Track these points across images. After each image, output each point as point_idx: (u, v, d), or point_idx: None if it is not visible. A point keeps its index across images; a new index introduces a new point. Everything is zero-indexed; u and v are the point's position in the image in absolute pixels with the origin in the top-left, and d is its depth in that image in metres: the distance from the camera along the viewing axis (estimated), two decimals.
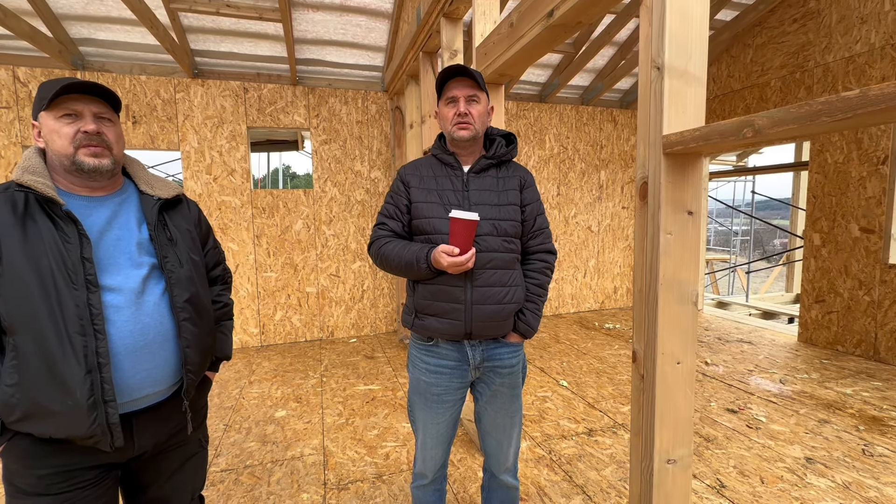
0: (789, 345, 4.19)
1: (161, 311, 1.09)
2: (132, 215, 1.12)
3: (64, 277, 0.96)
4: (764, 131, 0.82)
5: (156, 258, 1.11)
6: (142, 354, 1.05)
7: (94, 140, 1.03)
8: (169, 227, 1.16)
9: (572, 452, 2.39)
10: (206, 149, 4.16)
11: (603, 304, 5.82)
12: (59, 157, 1.02)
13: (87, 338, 0.96)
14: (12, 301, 0.94)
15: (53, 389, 0.95)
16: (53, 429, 0.96)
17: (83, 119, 1.03)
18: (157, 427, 1.12)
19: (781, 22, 4.37)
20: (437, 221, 1.34)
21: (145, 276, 1.08)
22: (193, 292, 1.16)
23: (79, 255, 0.98)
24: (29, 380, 0.94)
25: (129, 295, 1.05)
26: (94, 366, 0.97)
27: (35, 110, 1.04)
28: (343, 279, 4.71)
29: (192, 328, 1.14)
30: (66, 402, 0.95)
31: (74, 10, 3.39)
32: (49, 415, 0.95)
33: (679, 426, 1.16)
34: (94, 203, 1.07)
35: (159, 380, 1.09)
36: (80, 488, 1.02)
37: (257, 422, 2.82)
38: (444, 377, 1.39)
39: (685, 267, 1.13)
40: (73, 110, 1.02)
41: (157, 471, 1.18)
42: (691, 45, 1.06)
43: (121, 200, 1.12)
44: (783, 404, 2.91)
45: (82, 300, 0.97)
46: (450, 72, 1.34)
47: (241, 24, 3.73)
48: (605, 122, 5.60)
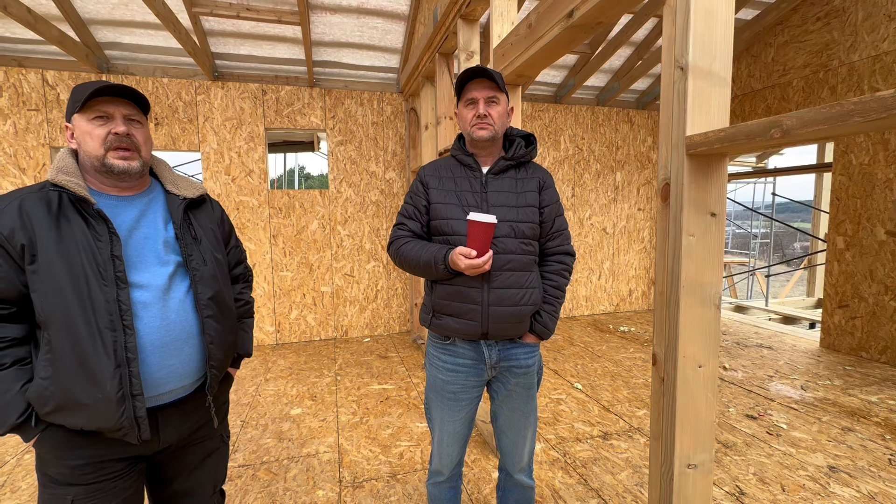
0: (811, 350, 4.09)
1: (186, 309, 1.12)
2: (159, 214, 1.15)
3: (95, 274, 0.99)
4: (793, 132, 0.81)
5: (181, 256, 1.14)
6: (167, 350, 1.07)
7: (123, 142, 1.06)
8: (194, 225, 1.19)
9: (587, 456, 2.37)
10: (225, 150, 4.24)
11: (618, 307, 5.76)
12: (90, 157, 1.05)
13: (117, 333, 0.99)
14: (47, 296, 0.97)
15: (85, 382, 0.97)
16: (84, 420, 0.99)
17: (114, 121, 1.05)
18: (181, 421, 1.15)
19: (804, 20, 4.28)
20: (455, 223, 1.34)
21: (171, 274, 1.11)
22: (217, 290, 1.18)
23: (109, 252, 1.01)
24: (62, 373, 0.97)
25: (156, 292, 1.07)
26: (123, 360, 0.99)
27: (69, 112, 1.07)
28: (357, 279, 4.75)
29: (216, 325, 1.16)
30: (96, 395, 0.98)
31: (101, 15, 3.48)
32: (80, 407, 0.98)
33: (700, 431, 1.14)
34: (123, 202, 1.10)
35: (184, 375, 1.12)
36: (108, 479, 1.05)
37: (273, 419, 2.86)
38: (461, 375, 1.40)
39: (708, 269, 1.11)
40: (104, 112, 1.04)
41: (181, 464, 1.21)
42: (716, 45, 1.04)
43: (148, 200, 1.15)
44: (805, 411, 2.84)
45: (112, 296, 0.99)
46: (470, 73, 1.35)
47: (260, 28, 3.79)
48: (621, 122, 5.54)
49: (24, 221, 0.97)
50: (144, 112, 1.13)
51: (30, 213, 0.98)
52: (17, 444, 2.54)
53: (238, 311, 1.35)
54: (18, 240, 0.96)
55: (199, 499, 1.26)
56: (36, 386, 0.98)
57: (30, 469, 2.28)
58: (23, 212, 0.98)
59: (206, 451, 1.25)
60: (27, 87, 3.73)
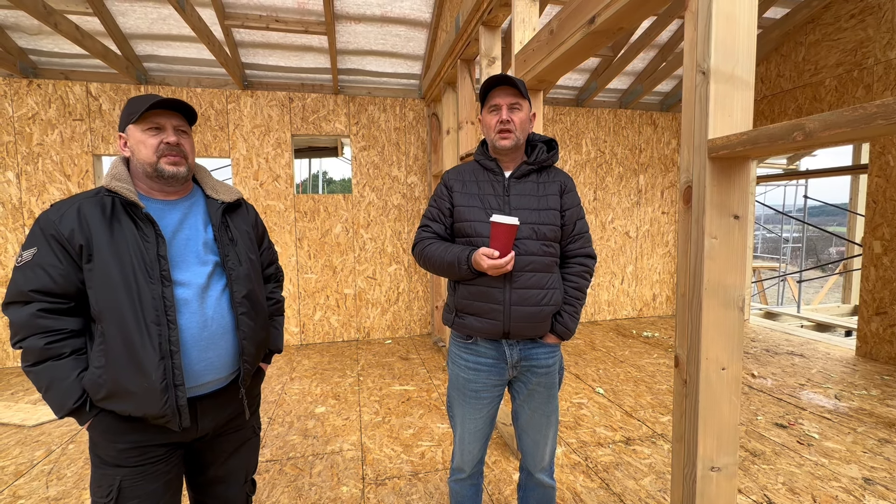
0: (846, 359, 3.94)
1: (222, 306, 1.19)
2: (200, 217, 1.23)
3: (143, 272, 1.07)
4: (815, 135, 0.82)
5: (218, 257, 1.22)
6: (206, 344, 1.15)
7: (173, 150, 1.15)
8: (230, 228, 1.27)
9: (609, 460, 2.36)
10: (253, 156, 4.40)
11: (641, 312, 5.66)
12: (143, 164, 1.14)
13: (161, 327, 1.07)
14: (101, 292, 1.06)
15: (133, 372, 1.05)
16: (132, 407, 1.07)
17: (165, 131, 1.15)
18: (216, 411, 1.22)
19: (837, 18, 4.15)
20: (478, 225, 1.38)
21: (210, 273, 1.19)
22: (251, 289, 1.25)
23: (155, 252, 1.09)
24: (113, 363, 1.05)
25: (196, 290, 1.15)
26: (167, 353, 1.08)
27: (123, 123, 1.16)
28: (379, 281, 4.83)
29: (249, 322, 1.23)
30: (142, 384, 1.06)
31: (140, 30, 3.68)
32: (128, 395, 1.06)
33: (724, 433, 1.14)
34: (168, 206, 1.19)
35: (220, 368, 1.19)
36: (151, 462, 1.14)
37: (299, 416, 2.94)
38: (483, 374, 1.43)
39: (731, 272, 1.11)
40: (157, 124, 1.14)
41: (216, 453, 1.29)
42: (738, 49, 1.05)
43: (190, 204, 1.24)
44: (838, 421, 2.75)
45: (158, 293, 1.08)
46: (493, 81, 1.39)
47: (288, 38, 3.93)
48: (644, 125, 5.48)
49: (82, 224, 1.06)
50: (190, 123, 1.22)
51: (87, 216, 1.08)
52: (62, 434, 2.70)
53: (269, 309, 1.43)
54: (77, 240, 1.05)
55: (232, 486, 1.33)
56: (90, 374, 1.06)
57: (74, 458, 2.42)
58: (81, 215, 1.07)
59: (240, 441, 1.32)
60: (73, 98, 3.97)
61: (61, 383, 1.05)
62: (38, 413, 2.97)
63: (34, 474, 2.27)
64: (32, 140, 3.91)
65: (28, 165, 3.92)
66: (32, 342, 1.04)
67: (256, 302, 1.27)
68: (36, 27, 3.51)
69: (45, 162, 3.95)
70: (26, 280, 1.05)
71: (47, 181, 3.96)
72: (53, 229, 1.06)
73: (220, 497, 1.32)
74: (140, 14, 3.52)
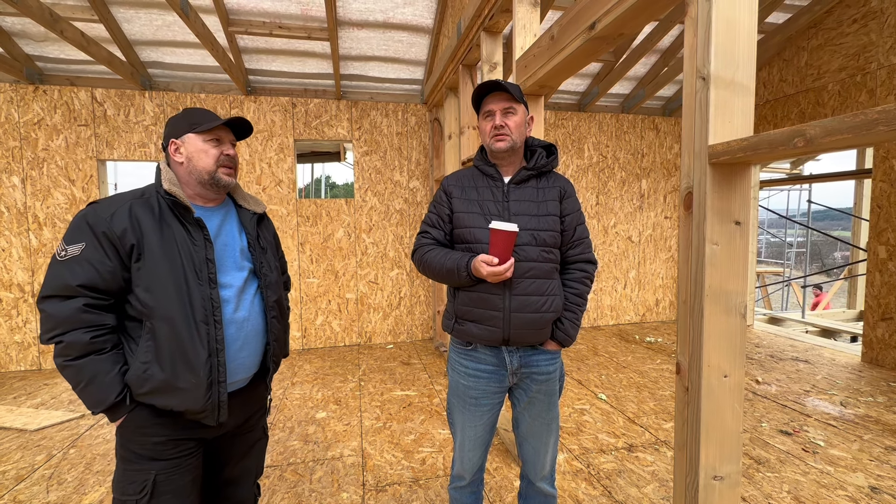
0: (852, 365, 3.90)
1: (255, 309, 1.27)
2: (234, 225, 1.31)
3: (192, 274, 1.13)
4: (816, 141, 0.81)
5: (252, 263, 1.29)
6: (241, 344, 1.22)
7: (231, 161, 1.25)
8: (261, 237, 1.35)
9: (612, 467, 2.33)
10: (256, 160, 4.42)
11: (644, 317, 5.64)
12: (200, 171, 1.21)
13: (209, 326, 1.13)
14: (151, 290, 1.10)
15: (182, 368, 1.10)
16: (176, 402, 1.11)
17: (224, 144, 1.24)
18: (241, 408, 1.28)
19: (839, 23, 4.15)
20: (477, 231, 1.38)
21: (246, 278, 1.26)
22: (279, 295, 1.34)
23: (204, 256, 1.16)
24: (162, 358, 1.09)
25: (235, 292, 1.22)
26: (214, 350, 1.13)
27: (180, 130, 1.22)
28: (381, 286, 4.82)
29: (278, 325, 1.32)
30: (190, 380, 1.10)
31: (145, 36, 3.72)
32: (175, 390, 1.10)
33: (726, 441, 1.13)
34: (208, 212, 1.26)
35: (249, 367, 1.26)
36: (184, 456, 1.18)
37: (299, 421, 2.93)
38: (482, 381, 1.42)
39: (733, 278, 1.10)
40: (218, 136, 1.23)
41: (232, 452, 1.34)
42: (739, 55, 1.05)
43: (225, 212, 1.31)
44: (844, 428, 2.71)
45: (206, 294, 1.14)
46: (485, 88, 1.39)
47: (291, 44, 3.96)
48: (646, 130, 5.48)
49: (133, 224, 1.10)
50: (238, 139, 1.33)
51: (139, 216, 1.12)
52: (63, 439, 2.70)
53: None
54: (129, 240, 1.09)
55: (242, 488, 1.38)
56: (136, 369, 1.09)
57: (74, 463, 2.42)
58: (133, 215, 1.11)
59: (252, 441, 1.37)
60: (78, 104, 4.00)
61: (104, 377, 1.08)
62: (40, 417, 2.97)
63: (35, 479, 2.26)
64: (38, 145, 3.94)
65: (33, 170, 3.95)
66: (77, 336, 1.06)
67: (282, 307, 1.36)
68: (42, 34, 3.55)
69: (50, 167, 3.98)
70: (73, 274, 1.07)
71: (52, 186, 3.99)
72: (105, 226, 1.08)
73: (231, 498, 1.36)
74: (145, 21, 3.55)
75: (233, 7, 3.53)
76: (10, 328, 3.99)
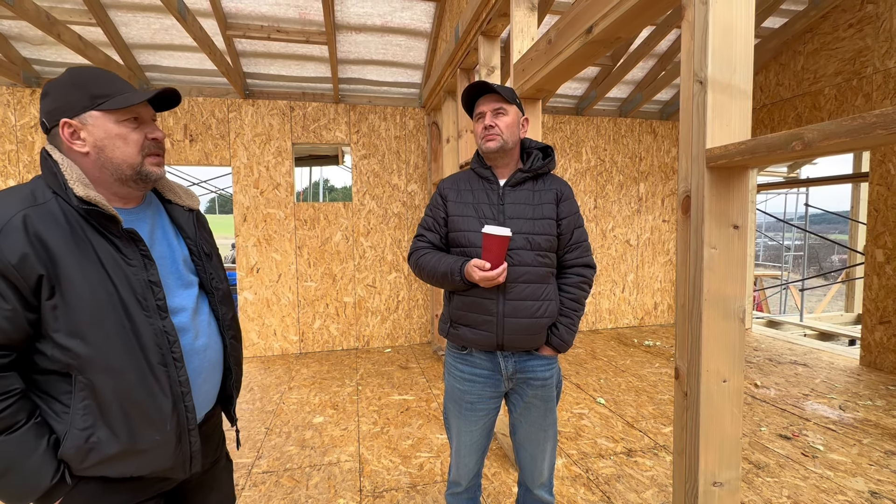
0: (850, 368, 3.89)
1: (212, 331, 1.04)
2: (168, 229, 1.02)
3: (135, 304, 0.86)
4: (814, 144, 0.81)
5: (197, 275, 1.04)
6: (204, 376, 1.00)
7: (160, 148, 0.94)
8: (202, 240, 1.07)
9: (610, 472, 2.32)
10: (254, 164, 4.41)
11: (642, 321, 5.63)
12: (117, 165, 0.89)
13: (169, 368, 0.89)
14: (82, 334, 0.81)
15: (142, 427, 0.86)
16: (136, 467, 0.88)
17: (147, 124, 0.92)
18: (208, 446, 1.07)
19: (835, 28, 4.17)
20: (472, 235, 1.37)
21: (197, 296, 1.01)
22: (234, 309, 1.12)
23: (145, 278, 0.88)
24: (109, 420, 0.84)
25: (189, 315, 0.98)
26: (179, 396, 0.91)
27: (76, 106, 0.86)
28: (379, 290, 4.81)
29: (237, 345, 1.11)
30: (153, 438, 0.88)
31: (143, 40, 3.71)
32: (135, 454, 0.87)
33: (726, 447, 1.12)
34: (132, 217, 0.94)
35: (211, 399, 1.05)
36: None
37: (296, 426, 2.91)
38: (478, 385, 1.41)
39: (731, 282, 1.10)
40: (137, 114, 0.90)
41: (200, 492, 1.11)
42: (736, 59, 1.05)
43: (153, 212, 1.00)
44: (843, 432, 2.70)
45: (158, 328, 0.88)
46: (473, 90, 1.39)
47: (289, 48, 3.96)
48: (644, 133, 5.49)
49: (35, 245, 0.78)
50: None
51: (42, 234, 0.79)
52: None
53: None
54: (33, 270, 0.77)
55: None
56: (74, 439, 0.82)
57: None
58: (31, 233, 0.78)
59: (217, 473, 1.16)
60: None
61: (27, 459, 0.79)
62: None
63: None
64: (35, 149, 3.93)
65: (29, 174, 3.93)
66: None
67: (237, 322, 1.14)
68: (39, 37, 3.54)
69: None
70: None
71: None
72: None
73: None
74: (143, 24, 3.55)
75: (231, 11, 3.53)
76: None
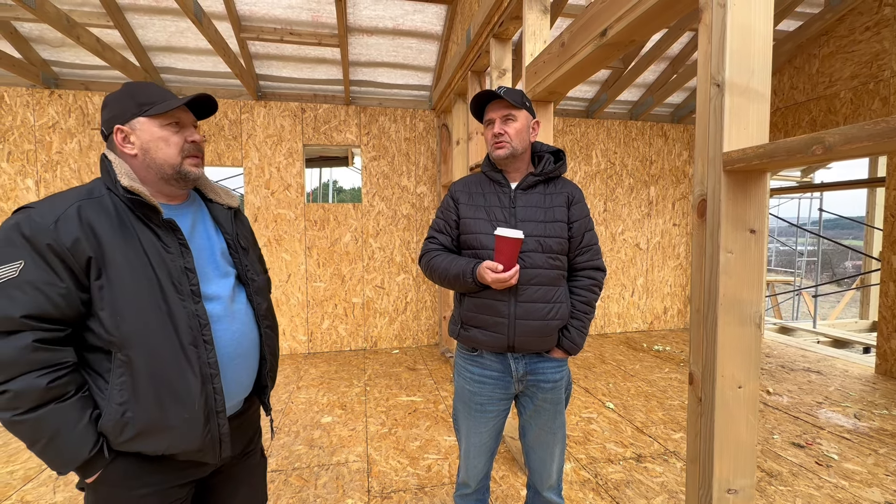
0: (865, 377, 3.82)
1: (248, 320, 1.09)
2: (209, 224, 1.11)
3: (171, 289, 0.93)
4: (835, 148, 0.80)
5: (235, 267, 1.11)
6: (238, 362, 1.05)
7: (198, 150, 1.03)
8: (241, 236, 1.16)
9: (620, 478, 2.30)
10: (265, 165, 4.45)
11: (652, 325, 5.58)
12: (160, 165, 0.99)
13: (199, 349, 0.95)
14: (122, 314, 0.89)
15: (171, 404, 0.92)
16: (167, 444, 0.93)
17: (187, 129, 1.02)
18: (240, 435, 1.11)
19: (852, 30, 4.12)
20: (483, 237, 1.37)
21: (233, 286, 1.08)
22: (269, 300, 1.18)
23: (182, 265, 0.96)
24: (144, 396, 0.90)
25: (225, 303, 1.04)
26: (208, 377, 0.96)
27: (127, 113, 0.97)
28: (388, 291, 4.82)
29: (272, 335, 1.16)
30: (182, 416, 0.92)
31: (159, 43, 3.77)
32: (165, 430, 0.92)
33: (741, 454, 1.10)
34: (176, 212, 1.04)
35: (246, 387, 1.09)
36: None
37: (305, 426, 2.93)
38: (488, 387, 1.41)
39: (747, 287, 1.09)
40: (178, 118, 1.00)
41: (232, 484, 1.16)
42: (754, 61, 1.04)
43: (195, 209, 1.10)
44: (858, 441, 2.65)
45: (191, 311, 0.95)
46: (482, 98, 1.40)
47: (301, 50, 4.00)
48: (655, 136, 5.45)
49: (86, 231, 0.88)
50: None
51: (92, 221, 0.89)
52: None
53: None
54: (84, 252, 0.87)
55: None
56: (111, 413, 0.89)
57: None
58: (84, 220, 0.88)
59: (251, 467, 1.21)
60: (92, 108, 4.06)
61: (72, 428, 0.86)
62: None
63: (42, 479, 2.27)
64: (52, 148, 4.00)
65: (47, 173, 4.00)
66: (28, 382, 0.82)
67: (272, 313, 1.19)
68: (59, 39, 3.62)
69: (64, 170, 4.04)
70: (13, 303, 0.83)
71: (64, 188, 4.04)
72: (49, 237, 0.85)
73: None
74: (159, 27, 3.61)
75: (245, 14, 3.58)
76: None
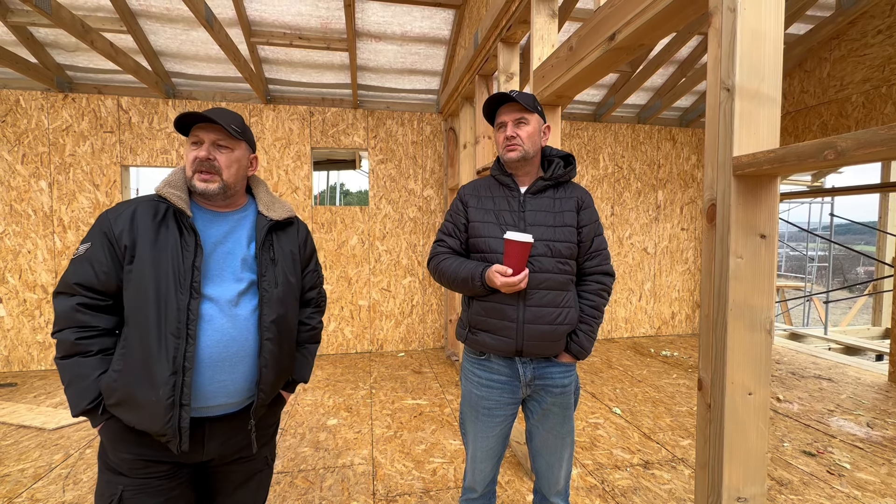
0: (878, 384, 3.76)
1: (248, 327, 1.15)
2: (245, 233, 1.21)
3: (174, 281, 1.06)
4: (848, 153, 0.79)
5: (255, 275, 1.18)
6: (222, 365, 1.11)
7: (204, 166, 1.13)
8: (274, 247, 1.23)
9: (627, 485, 2.28)
10: (273, 168, 4.49)
11: (659, 330, 5.53)
12: (187, 178, 1.16)
13: (180, 340, 1.05)
14: (132, 295, 1.06)
15: (144, 383, 1.03)
16: (136, 419, 1.05)
17: (201, 147, 1.14)
18: (226, 437, 1.16)
19: (863, 34, 4.07)
20: (492, 241, 1.37)
21: (242, 291, 1.15)
22: (281, 313, 1.19)
23: (191, 262, 1.08)
24: (128, 370, 1.04)
25: (224, 306, 1.12)
26: (180, 368, 1.04)
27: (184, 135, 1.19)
28: (394, 294, 4.83)
29: (273, 348, 1.17)
30: (150, 398, 1.03)
31: (170, 48, 3.83)
32: (135, 406, 1.04)
33: (751, 462, 1.09)
34: (216, 218, 1.19)
35: (234, 392, 1.14)
36: (154, 477, 1.10)
37: (311, 428, 2.93)
38: (495, 391, 1.40)
39: (757, 293, 1.08)
40: (198, 137, 1.14)
41: (224, 482, 1.24)
42: (764, 66, 1.03)
43: (240, 218, 1.22)
44: (872, 451, 2.61)
45: (183, 304, 1.06)
46: (495, 100, 1.40)
47: (310, 55, 4.03)
48: (663, 140, 5.43)
49: (132, 225, 1.08)
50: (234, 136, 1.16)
51: (139, 218, 1.10)
52: (80, 438, 2.74)
53: (303, 335, 1.37)
54: (124, 240, 1.07)
55: None
56: (107, 377, 1.05)
57: (91, 464, 2.45)
58: (134, 216, 1.10)
59: (249, 473, 1.26)
60: (104, 111, 4.13)
61: (82, 381, 1.05)
62: (59, 417, 3.02)
63: (52, 478, 2.30)
64: (65, 151, 4.07)
65: (60, 175, 4.07)
66: (66, 335, 1.05)
67: (285, 327, 1.21)
68: (73, 44, 3.68)
69: (76, 172, 4.10)
70: (75, 272, 1.07)
71: (77, 190, 4.10)
72: (108, 226, 1.08)
73: None
74: (170, 33, 3.66)
75: (255, 19, 3.62)
76: (33, 328, 4.09)
